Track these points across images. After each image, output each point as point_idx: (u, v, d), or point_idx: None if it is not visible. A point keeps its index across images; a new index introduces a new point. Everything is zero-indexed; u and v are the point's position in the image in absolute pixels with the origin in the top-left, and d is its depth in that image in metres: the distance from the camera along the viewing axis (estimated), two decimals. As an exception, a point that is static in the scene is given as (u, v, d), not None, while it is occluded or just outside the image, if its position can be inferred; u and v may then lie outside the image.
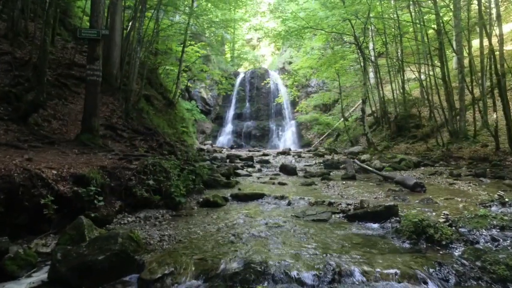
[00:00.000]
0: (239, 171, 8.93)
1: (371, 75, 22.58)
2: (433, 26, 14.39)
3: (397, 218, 4.13)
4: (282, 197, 5.69)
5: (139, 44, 12.26)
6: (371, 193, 5.94)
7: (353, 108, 26.37)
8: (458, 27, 13.60)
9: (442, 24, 13.67)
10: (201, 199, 5.49)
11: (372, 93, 20.94)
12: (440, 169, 9.41)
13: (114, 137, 10.37)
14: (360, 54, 12.87)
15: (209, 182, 6.76)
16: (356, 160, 8.74)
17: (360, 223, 4.25)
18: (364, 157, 11.61)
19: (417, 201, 5.21)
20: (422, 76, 18.05)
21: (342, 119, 24.88)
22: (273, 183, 7.33)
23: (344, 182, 7.24)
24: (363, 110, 12.81)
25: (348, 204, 4.95)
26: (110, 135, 10.38)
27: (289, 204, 5.33)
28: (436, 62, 15.40)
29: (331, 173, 9.18)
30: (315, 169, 10.24)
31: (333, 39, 20.77)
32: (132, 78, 12.28)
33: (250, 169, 9.61)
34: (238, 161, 11.71)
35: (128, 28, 14.45)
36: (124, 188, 4.66)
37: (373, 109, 21.09)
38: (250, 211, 4.93)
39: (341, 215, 4.61)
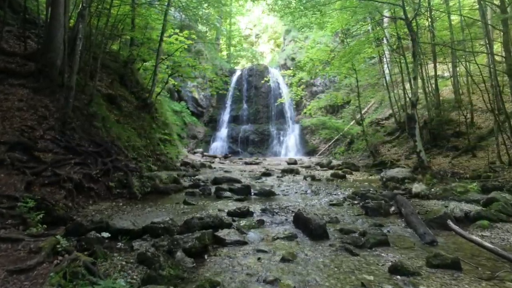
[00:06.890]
0: (224, 232, 4.67)
1: (388, 71, 18.38)
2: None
3: None
4: None
5: (83, 20, 7.93)
6: None
7: (365, 109, 22.08)
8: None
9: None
10: None
11: (391, 91, 16.68)
12: None
13: (21, 164, 6.01)
14: (409, 35, 8.50)
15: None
16: (452, 225, 4.46)
17: None
18: (416, 187, 7.36)
19: None
20: (457, 72, 13.94)
21: (352, 122, 20.69)
22: (294, 291, 3.09)
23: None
24: (410, 118, 8.39)
25: None
26: (16, 160, 6.06)
27: None
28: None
29: (388, 231, 4.95)
30: (351, 216, 5.97)
31: (343, 30, 16.51)
32: (74, 70, 7.97)
33: (244, 222, 5.33)
34: (228, 194, 7.42)
35: (82, 3, 10.09)
36: None
37: (394, 110, 16.72)
38: None
39: None
